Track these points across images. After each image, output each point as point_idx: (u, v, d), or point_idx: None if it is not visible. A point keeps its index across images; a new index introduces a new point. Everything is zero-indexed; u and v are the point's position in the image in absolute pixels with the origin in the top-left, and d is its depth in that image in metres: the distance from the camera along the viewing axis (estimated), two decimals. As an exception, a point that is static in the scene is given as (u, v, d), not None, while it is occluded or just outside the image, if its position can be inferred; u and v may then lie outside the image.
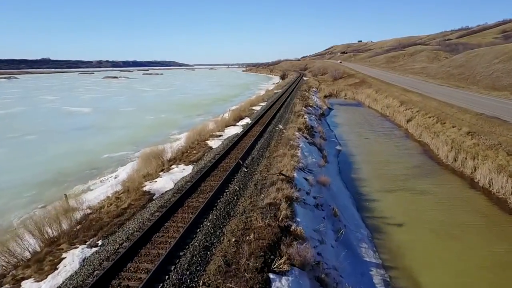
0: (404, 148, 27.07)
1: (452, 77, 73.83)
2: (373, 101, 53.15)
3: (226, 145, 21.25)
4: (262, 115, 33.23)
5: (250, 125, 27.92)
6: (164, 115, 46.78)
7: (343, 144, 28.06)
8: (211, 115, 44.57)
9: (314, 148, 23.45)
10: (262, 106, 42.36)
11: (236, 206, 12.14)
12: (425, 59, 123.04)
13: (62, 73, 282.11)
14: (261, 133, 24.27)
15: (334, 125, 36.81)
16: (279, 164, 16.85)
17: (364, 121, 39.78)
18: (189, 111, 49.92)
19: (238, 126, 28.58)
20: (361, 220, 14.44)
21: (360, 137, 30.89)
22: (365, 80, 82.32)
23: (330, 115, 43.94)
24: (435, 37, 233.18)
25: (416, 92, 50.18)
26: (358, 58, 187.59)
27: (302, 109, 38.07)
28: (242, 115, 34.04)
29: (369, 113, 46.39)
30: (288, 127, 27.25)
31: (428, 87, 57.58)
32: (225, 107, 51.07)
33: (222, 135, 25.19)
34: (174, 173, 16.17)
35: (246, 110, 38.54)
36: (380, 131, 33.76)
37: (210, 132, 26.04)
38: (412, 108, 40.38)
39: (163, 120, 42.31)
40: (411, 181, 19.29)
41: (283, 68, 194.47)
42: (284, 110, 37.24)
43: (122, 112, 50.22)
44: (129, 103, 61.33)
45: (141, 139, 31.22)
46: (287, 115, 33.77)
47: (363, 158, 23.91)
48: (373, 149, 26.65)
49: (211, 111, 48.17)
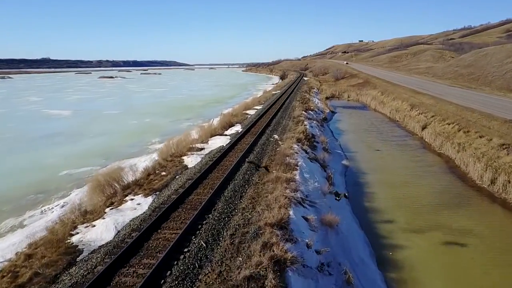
0: (424, 163, 22.59)
1: (461, 77, 69.49)
2: (379, 104, 48.65)
3: (205, 164, 16.81)
4: (256, 122, 28.80)
5: (240, 134, 23.50)
6: (149, 119, 42.35)
7: (351, 158, 23.59)
8: (201, 119, 40.16)
9: (316, 165, 18.98)
10: (258, 110, 37.92)
11: (195, 285, 7.66)
12: (430, 58, 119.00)
13: (60, 73, 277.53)
14: (251, 147, 19.83)
15: (339, 133, 32.36)
16: (270, 197, 12.41)
17: (372, 127, 35.32)
18: (178, 114, 45.50)
19: (225, 136, 24.13)
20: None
21: (370, 148, 26.42)
22: (369, 81, 77.83)
23: (333, 120, 39.48)
24: (437, 37, 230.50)
25: (427, 94, 45.71)
26: (360, 58, 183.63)
27: (302, 114, 33.63)
28: (233, 122, 29.58)
29: (376, 118, 41.92)
30: (285, 137, 22.80)
31: (438, 88, 53.10)
32: (218, 110, 46.66)
33: (204, 148, 20.72)
34: (123, 211, 11.72)
35: (238, 115, 34.09)
36: (392, 140, 29.29)
37: (190, 144, 21.60)
38: (425, 113, 35.89)
39: (146, 125, 37.88)
40: (442, 213, 14.81)
41: (284, 68, 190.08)
42: (282, 115, 32.80)
43: (104, 116, 45.79)
44: (116, 105, 56.90)
45: (114, 150, 26.80)
46: (285, 121, 29.33)
47: (377, 178, 19.44)
48: (386, 165, 22.18)
49: (202, 115, 43.76)
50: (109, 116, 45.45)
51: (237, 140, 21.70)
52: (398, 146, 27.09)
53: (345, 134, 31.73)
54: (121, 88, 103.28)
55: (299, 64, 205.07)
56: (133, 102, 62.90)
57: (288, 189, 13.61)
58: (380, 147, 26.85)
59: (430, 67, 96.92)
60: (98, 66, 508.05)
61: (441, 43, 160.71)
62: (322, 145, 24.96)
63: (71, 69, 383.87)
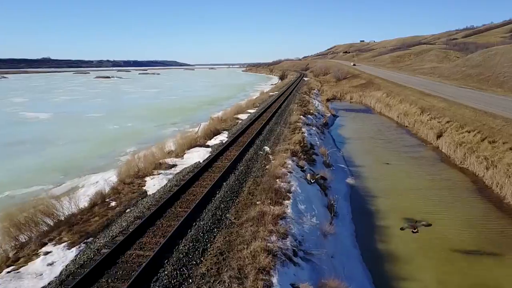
0: (445, 183, 18.64)
1: (469, 78, 65.54)
2: (385, 107, 44.71)
3: (169, 190, 12.92)
4: (246, 129, 24.91)
5: (224, 145, 19.61)
6: (133, 123, 38.48)
7: (356, 175, 19.66)
8: (188, 124, 36.32)
9: (314, 189, 15.06)
10: (251, 114, 34.03)
11: None
12: (435, 58, 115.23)
13: (58, 73, 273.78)
14: (234, 164, 15.93)
15: (341, 141, 28.43)
16: (246, 252, 8.52)
17: (379, 134, 31.39)
18: (165, 118, 41.62)
19: (207, 147, 20.21)
20: None
21: (378, 161, 22.48)
22: (372, 81, 73.87)
23: (335, 125, 35.56)
24: (439, 37, 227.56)
25: (437, 96, 41.72)
26: (361, 58, 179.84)
27: (299, 119, 29.72)
28: (220, 128, 25.65)
29: (382, 122, 37.99)
30: (277, 149, 18.91)
31: (447, 89, 49.14)
32: (209, 113, 42.80)
33: (176, 165, 16.79)
34: (22, 279, 7.81)
35: (228, 120, 30.18)
36: (403, 151, 25.35)
37: (162, 159, 17.71)
38: (439, 118, 31.96)
39: (126, 131, 34.02)
40: (484, 264, 10.90)
41: (284, 68, 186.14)
42: (277, 121, 28.90)
43: (84, 120, 41.94)
44: (101, 108, 53.03)
45: (79, 162, 22.91)
46: (279, 129, 25.42)
47: (390, 206, 15.50)
48: (400, 185, 18.24)
49: (191, 118, 39.90)
50: (90, 120, 41.60)
51: (218, 154, 17.81)
52: (411, 159, 23.14)
53: (348, 142, 27.79)
54: (114, 88, 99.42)
55: (299, 64, 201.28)
56: (121, 104, 59.04)
57: (274, 234, 9.74)
58: (389, 159, 22.92)
59: (435, 67, 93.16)
60: (99, 66, 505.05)
61: (444, 43, 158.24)
62: (322, 158, 21.06)
63: (71, 69, 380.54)
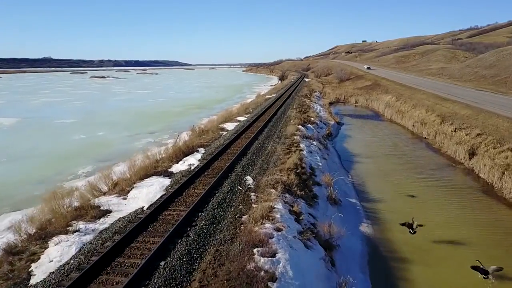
0: (500, 230, 13.13)
1: (483, 79, 59.99)
2: (396, 113, 39.12)
3: (71, 271, 7.49)
4: (229, 145, 19.45)
5: (192, 173, 14.17)
6: (104, 131, 33.07)
7: (373, 217, 14.14)
8: (167, 134, 30.96)
9: (313, 256, 9.59)
10: (240, 122, 28.57)
11: None
12: (442, 58, 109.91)
13: (56, 72, 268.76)
14: (192, 214, 10.46)
15: (349, 159, 22.88)
16: None
17: (393, 149, 25.85)
18: (144, 125, 36.22)
19: (167, 177, 14.73)
20: None
21: (399, 193, 16.94)
22: (378, 83, 68.31)
23: (340, 136, 30.04)
24: (443, 37, 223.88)
25: (457, 101, 36.20)
26: (364, 58, 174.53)
27: (297, 130, 24.29)
28: (196, 145, 20.15)
29: (396, 132, 32.45)
30: (264, 181, 13.48)
31: (465, 92, 43.59)
32: (195, 119, 37.48)
33: (111, 211, 11.29)
34: None
35: (210, 132, 24.68)
36: (428, 175, 19.80)
37: (97, 197, 12.29)
38: (466, 129, 26.44)
39: (92, 143, 28.59)
40: None
41: (285, 68, 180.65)
42: (269, 133, 23.43)
43: (51, 127, 36.56)
44: (78, 112, 47.66)
45: (5, 191, 17.49)
46: (271, 145, 19.96)
47: (428, 274, 10.02)
48: (438, 235, 12.71)
49: (173, 126, 34.49)
50: (58, 128, 36.20)
51: (177, 192, 12.37)
52: (442, 189, 17.58)
53: (358, 161, 22.25)
54: (104, 89, 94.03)
55: (301, 65, 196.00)
56: (102, 107, 53.63)
57: None
58: (414, 189, 17.40)
59: (443, 67, 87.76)
60: (100, 65, 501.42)
61: (449, 43, 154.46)
62: (327, 189, 15.54)
63: (71, 68, 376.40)
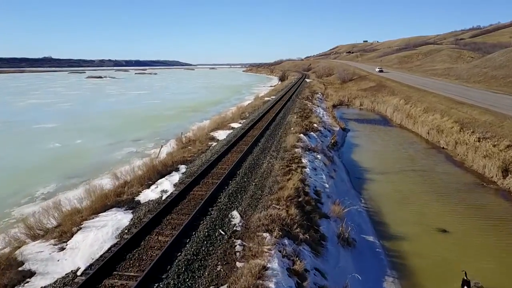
0: None
1: (494, 80, 56.53)
2: (407, 118, 35.68)
3: None
4: (216, 161, 16.06)
5: (164, 205, 10.80)
6: (83, 139, 29.73)
7: (398, 265, 10.74)
8: (153, 142, 27.65)
9: None
10: (234, 130, 25.18)
11: None
12: (447, 58, 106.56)
13: (54, 72, 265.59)
14: (149, 279, 7.10)
15: (360, 175, 19.43)
16: None
17: (410, 162, 22.41)
18: (130, 130, 32.90)
19: (130, 209, 11.34)
20: None
21: (427, 225, 13.50)
22: (383, 84, 64.88)
23: (347, 145, 26.61)
24: (445, 37, 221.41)
25: (474, 105, 32.78)
26: (366, 58, 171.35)
27: (299, 140, 20.92)
28: (177, 160, 16.73)
29: (409, 141, 29.02)
30: (256, 219, 10.07)
31: (480, 95, 40.18)
32: (188, 124, 34.27)
33: (32, 275, 7.90)
34: None
35: (198, 142, 21.25)
36: (457, 198, 16.36)
37: (21, 248, 8.96)
38: (492, 139, 23.02)
39: (67, 153, 25.21)
40: None
41: (285, 68, 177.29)
42: (266, 144, 20.04)
43: (28, 133, 33.23)
44: (63, 115, 44.36)
45: None
46: (267, 161, 16.57)
47: None
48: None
49: (161, 133, 31.19)
50: (35, 133, 32.87)
51: (138, 235, 9.00)
52: (479, 219, 14.14)
53: (371, 179, 18.82)
54: (97, 90, 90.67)
55: (301, 65, 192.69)
56: (91, 110, 50.28)
57: None
58: (443, 218, 13.97)
59: (449, 68, 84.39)
60: (100, 65, 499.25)
61: (452, 43, 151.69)
62: (336, 224, 12.15)
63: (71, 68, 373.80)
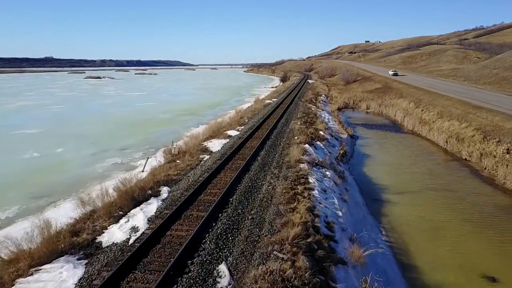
0: None
1: (505, 82, 53.58)
2: (420, 124, 32.76)
3: None
4: (207, 181, 13.23)
5: (126, 259, 7.97)
6: (65, 148, 26.87)
7: None
8: (142, 151, 24.90)
9: None
10: (231, 139, 22.32)
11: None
12: (453, 59, 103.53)
13: (56, 72, 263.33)
14: None
15: (375, 196, 16.56)
16: None
17: (431, 179, 19.51)
18: (120, 137, 30.13)
19: (85, 259, 8.58)
20: None
21: (468, 269, 10.65)
22: (390, 85, 61.97)
23: (357, 157, 23.71)
24: (448, 37, 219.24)
25: (494, 110, 29.94)
26: (369, 58, 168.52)
27: (304, 152, 18.10)
28: (160, 180, 13.92)
29: (425, 150, 26.12)
30: (251, 277, 7.23)
31: (496, 98, 37.37)
32: (183, 129, 31.58)
33: None
34: None
35: (188, 155, 18.43)
36: (498, 229, 13.53)
37: None
38: (524, 151, 20.16)
39: (44, 163, 22.37)
40: None
41: (287, 68, 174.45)
42: (266, 159, 17.18)
43: (6, 139, 30.37)
44: (49, 119, 41.55)
45: None
46: (268, 182, 13.73)
47: None
48: None
49: (152, 140, 28.42)
50: (14, 140, 30.10)
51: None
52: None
53: (389, 201, 15.94)
54: (93, 91, 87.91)
55: (303, 65, 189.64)
56: (81, 113, 47.53)
57: None
58: (487, 259, 11.15)
59: (456, 68, 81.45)
60: (101, 65, 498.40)
61: (457, 43, 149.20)
62: (355, 275, 9.29)
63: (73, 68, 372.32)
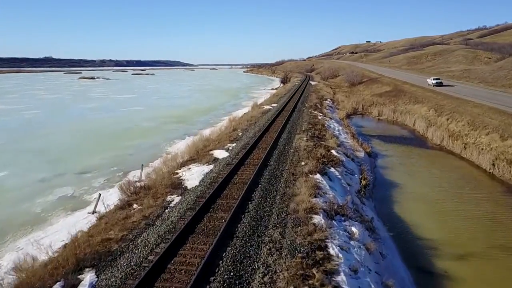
0: None
1: (527, 84, 48.25)
2: (451, 138, 27.03)
3: None
4: (164, 258, 7.78)
5: None
6: (11, 169, 21.51)
7: None
8: (105, 176, 19.44)
9: None
10: (216, 165, 16.78)
11: None
12: (462, 59, 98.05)
13: (51, 72, 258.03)
14: None
15: (422, 262, 11.07)
16: None
17: (494, 227, 14.04)
18: (86, 153, 24.73)
19: None
20: None
21: None
22: (400, 88, 56.36)
23: (381, 187, 18.11)
24: (451, 37, 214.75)
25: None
26: (371, 59, 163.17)
27: (316, 189, 12.57)
28: (83, 258, 8.57)
29: (466, 175, 20.57)
30: None
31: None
32: (168, 139, 26.14)
33: None
34: None
35: (150, 195, 12.94)
36: None
37: None
38: None
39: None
40: None
41: (287, 69, 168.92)
42: (262, 203, 11.53)
43: None
44: (14, 128, 36.12)
45: None
46: (262, 261, 8.20)
47: None
48: None
49: (125, 158, 22.98)
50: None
51: None
52: None
53: (446, 276, 10.44)
54: (80, 93, 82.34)
55: (304, 65, 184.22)
56: (55, 120, 42.06)
57: None
58: None
59: (467, 69, 75.88)
60: (101, 65, 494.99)
61: (462, 43, 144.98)
62: None
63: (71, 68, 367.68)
